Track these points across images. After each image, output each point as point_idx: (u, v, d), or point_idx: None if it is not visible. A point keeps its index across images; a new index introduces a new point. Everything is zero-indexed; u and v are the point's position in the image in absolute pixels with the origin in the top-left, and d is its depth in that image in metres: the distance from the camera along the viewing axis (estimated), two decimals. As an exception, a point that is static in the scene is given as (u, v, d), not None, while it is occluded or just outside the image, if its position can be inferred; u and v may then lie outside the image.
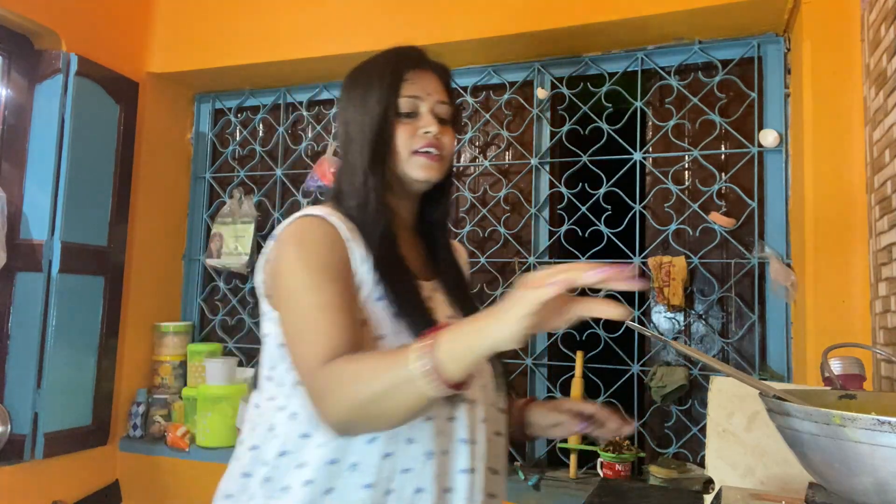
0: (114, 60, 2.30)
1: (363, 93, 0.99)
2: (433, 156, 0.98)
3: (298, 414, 0.90)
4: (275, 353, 0.95)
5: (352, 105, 1.01)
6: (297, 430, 0.90)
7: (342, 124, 1.03)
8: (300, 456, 0.89)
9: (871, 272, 1.49)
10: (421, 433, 0.88)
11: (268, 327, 0.96)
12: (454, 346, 0.71)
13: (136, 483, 2.32)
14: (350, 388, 0.77)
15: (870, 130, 1.51)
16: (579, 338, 2.06)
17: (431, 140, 0.98)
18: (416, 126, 0.98)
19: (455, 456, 0.92)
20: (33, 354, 2.03)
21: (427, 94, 0.99)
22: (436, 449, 0.89)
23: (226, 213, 2.50)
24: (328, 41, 2.20)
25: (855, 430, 0.56)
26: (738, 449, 1.27)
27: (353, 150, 0.99)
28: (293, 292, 0.88)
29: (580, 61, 2.13)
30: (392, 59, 1.01)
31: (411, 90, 0.98)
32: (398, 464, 0.88)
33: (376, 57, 1.03)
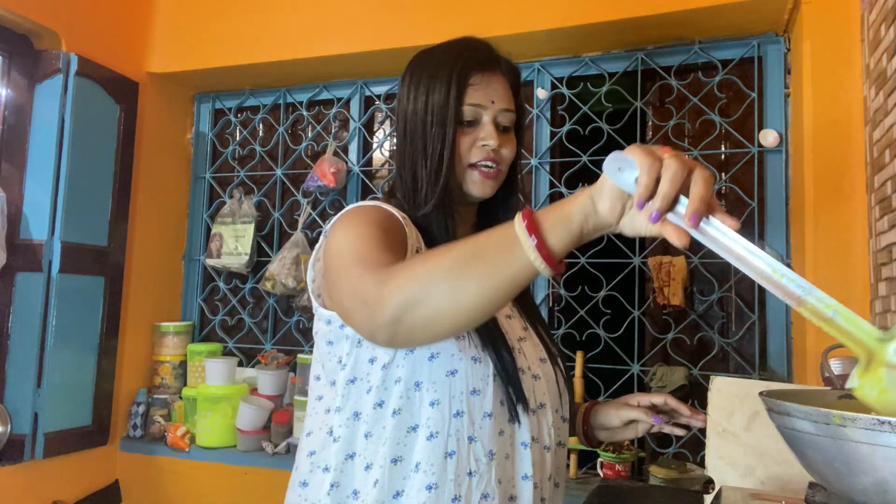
0: (114, 60, 2.30)
1: (426, 91, 0.94)
2: (489, 172, 0.94)
3: (360, 413, 0.87)
4: (323, 350, 0.92)
5: (412, 101, 0.95)
6: (361, 430, 0.86)
7: (400, 118, 0.98)
8: (366, 457, 0.86)
9: (871, 272, 1.49)
10: (482, 432, 0.85)
11: (317, 326, 0.93)
12: (549, 214, 0.65)
13: (136, 483, 2.32)
14: (424, 260, 0.69)
15: (870, 130, 1.51)
16: (579, 338, 2.06)
17: (489, 154, 0.94)
18: (475, 136, 0.94)
19: (517, 461, 0.88)
20: (33, 354, 2.03)
21: (491, 103, 0.94)
22: (497, 450, 0.86)
23: (226, 213, 2.50)
24: (328, 41, 2.20)
25: (855, 430, 0.56)
26: (738, 449, 1.27)
27: (410, 151, 0.95)
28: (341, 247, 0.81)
29: (580, 61, 2.13)
30: (460, 58, 0.94)
31: (475, 97, 0.93)
32: (461, 465, 0.84)
33: (443, 49, 0.97)
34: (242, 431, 2.15)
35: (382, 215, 0.87)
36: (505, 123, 0.96)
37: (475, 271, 0.65)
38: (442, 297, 0.66)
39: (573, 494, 1.78)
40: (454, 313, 0.66)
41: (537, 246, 0.64)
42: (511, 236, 0.65)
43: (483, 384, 0.86)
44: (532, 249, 0.64)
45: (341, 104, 2.45)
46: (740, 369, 1.92)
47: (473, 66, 0.94)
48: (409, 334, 0.68)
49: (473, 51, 0.96)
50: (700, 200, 0.60)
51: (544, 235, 0.64)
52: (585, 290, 2.07)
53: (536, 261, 0.64)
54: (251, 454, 2.14)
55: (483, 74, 0.94)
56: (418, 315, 0.66)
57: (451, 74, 0.93)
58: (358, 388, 0.88)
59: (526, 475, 0.88)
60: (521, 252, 0.64)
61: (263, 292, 2.42)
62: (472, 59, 0.95)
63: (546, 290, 2.13)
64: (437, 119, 0.92)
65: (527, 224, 0.65)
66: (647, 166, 0.61)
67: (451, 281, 0.66)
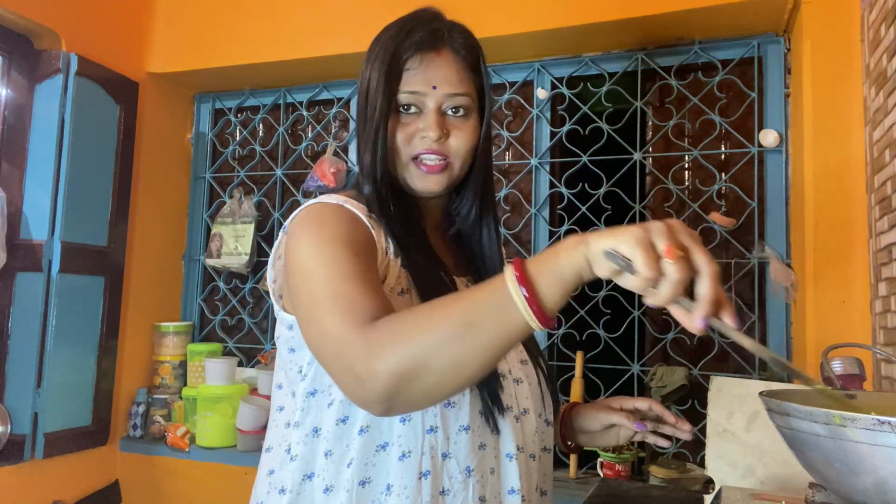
0: (114, 60, 2.30)
1: (367, 76, 0.85)
2: (433, 165, 0.85)
3: (320, 429, 0.79)
4: (285, 357, 0.84)
5: (361, 85, 0.87)
6: (321, 448, 0.79)
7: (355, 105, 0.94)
8: (326, 478, 0.78)
9: (871, 272, 1.49)
10: (457, 447, 0.78)
11: (279, 330, 0.86)
12: (542, 267, 0.61)
13: (136, 483, 2.32)
14: (417, 327, 0.63)
15: (870, 130, 1.51)
16: (579, 338, 2.06)
17: (431, 146, 0.84)
18: (416, 127, 0.85)
19: (503, 474, 0.82)
20: (33, 354, 2.03)
21: (432, 88, 0.84)
22: (475, 466, 0.79)
23: (226, 213, 2.50)
24: (328, 41, 2.20)
25: (855, 430, 0.56)
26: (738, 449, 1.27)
27: (359, 140, 0.88)
28: (309, 273, 0.73)
29: (580, 61, 2.13)
30: (396, 38, 0.85)
31: (412, 83, 0.84)
32: (436, 485, 0.77)
33: (389, 26, 0.88)
34: (242, 431, 2.15)
35: (348, 223, 0.78)
36: (454, 108, 0.85)
37: (476, 342, 0.61)
38: (442, 370, 0.62)
39: (573, 495, 1.78)
40: (455, 382, 0.63)
41: (528, 300, 0.60)
42: (504, 294, 0.61)
43: (458, 395, 0.79)
44: (525, 307, 0.60)
45: (341, 104, 2.45)
46: (740, 369, 1.92)
47: (409, 48, 0.84)
48: (407, 405, 0.65)
49: (417, 27, 0.86)
50: (707, 304, 0.57)
51: (537, 290, 0.60)
52: (585, 290, 2.07)
53: (531, 320, 0.60)
54: (251, 454, 2.13)
55: (422, 56, 0.84)
56: (418, 388, 0.62)
57: (385, 58, 0.84)
58: (318, 401, 0.80)
59: (513, 489, 0.82)
60: (515, 309, 0.60)
61: (263, 292, 2.42)
62: (409, 40, 0.84)
63: (546, 290, 2.13)
64: (370, 107, 0.84)
65: (518, 277, 0.60)
66: (646, 277, 0.56)
67: (450, 353, 0.61)
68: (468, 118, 0.87)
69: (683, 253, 0.57)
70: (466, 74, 0.88)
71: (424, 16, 0.89)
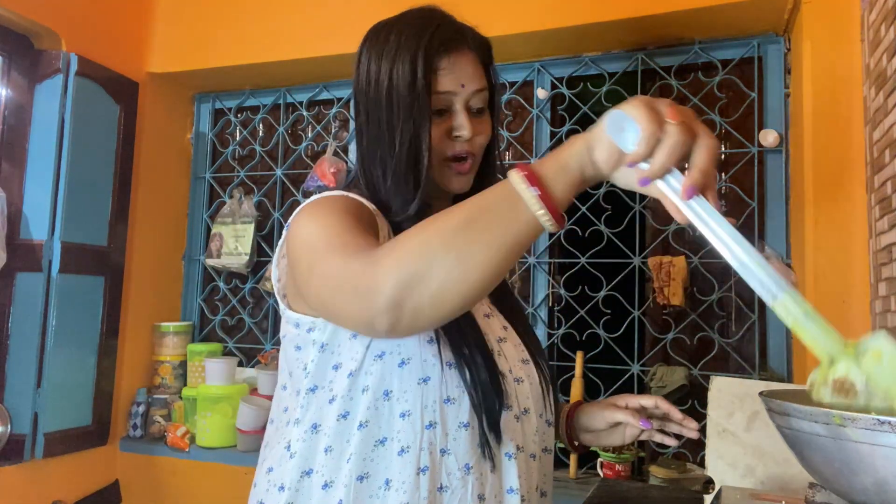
0: (114, 60, 2.30)
1: (389, 77, 0.82)
2: (464, 165, 0.86)
3: (320, 425, 0.80)
4: (291, 356, 0.84)
5: (373, 87, 0.84)
6: (321, 444, 0.79)
7: (360, 106, 0.86)
8: (325, 474, 0.78)
9: (871, 272, 1.49)
10: (456, 444, 0.78)
11: (284, 329, 0.85)
12: (546, 165, 0.61)
13: (136, 483, 2.32)
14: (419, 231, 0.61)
15: (870, 130, 1.51)
16: (579, 338, 2.06)
17: (464, 147, 0.85)
18: (447, 126, 0.84)
19: (503, 473, 0.82)
20: (33, 354, 2.03)
21: (461, 87, 0.84)
22: (474, 463, 0.79)
23: (226, 213, 2.50)
24: (328, 41, 2.20)
25: (855, 430, 0.56)
26: (738, 449, 1.27)
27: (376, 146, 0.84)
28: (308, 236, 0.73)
29: (580, 61, 2.13)
30: (422, 38, 0.83)
31: (444, 84, 0.83)
32: (434, 481, 0.77)
33: (403, 25, 0.85)
34: (242, 431, 2.15)
35: (350, 203, 0.78)
36: (478, 105, 0.86)
37: (480, 235, 0.60)
38: (448, 268, 0.59)
39: (573, 495, 1.78)
40: (463, 285, 0.60)
41: (541, 197, 0.59)
42: (511, 193, 0.60)
43: (458, 392, 0.79)
44: (536, 202, 0.59)
45: (341, 104, 2.44)
46: (740, 369, 1.92)
47: (439, 49, 0.83)
48: (415, 317, 0.61)
49: (439, 28, 0.84)
50: (699, 172, 0.58)
51: (547, 186, 0.60)
52: (585, 290, 2.07)
53: (542, 215, 0.60)
54: (251, 454, 2.13)
55: (451, 56, 0.84)
56: (423, 293, 0.59)
57: (415, 58, 0.81)
58: (319, 397, 0.80)
59: (511, 488, 0.82)
60: (525, 207, 0.60)
61: (263, 292, 2.42)
62: (436, 39, 0.83)
63: (546, 290, 2.13)
64: (404, 111, 0.81)
65: (526, 176, 0.60)
66: (648, 134, 0.57)
67: (454, 250, 0.59)
68: (485, 114, 0.89)
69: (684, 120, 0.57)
70: (483, 71, 0.88)
71: (440, 14, 0.89)
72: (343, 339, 0.80)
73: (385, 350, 0.79)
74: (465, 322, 0.81)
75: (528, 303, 2.13)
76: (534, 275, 2.15)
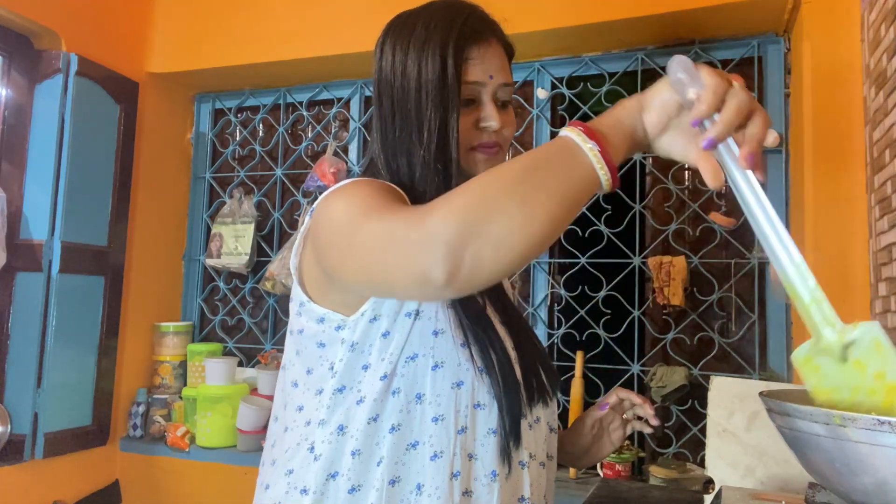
0: (114, 60, 2.30)
1: (417, 65, 0.81)
2: (492, 151, 0.85)
3: (347, 427, 0.78)
4: (313, 353, 0.81)
5: (399, 76, 0.83)
6: (348, 447, 0.77)
7: (385, 95, 0.85)
8: (352, 478, 0.77)
9: (871, 272, 1.49)
10: (484, 450, 0.78)
11: (300, 322, 0.82)
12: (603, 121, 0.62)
13: (136, 483, 2.32)
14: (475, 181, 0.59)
15: (870, 130, 1.51)
16: (579, 338, 2.06)
17: (492, 137, 0.85)
18: (476, 117, 0.84)
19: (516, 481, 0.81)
20: (33, 354, 2.03)
21: (489, 78, 0.83)
22: (500, 470, 0.78)
23: (226, 213, 2.50)
24: (328, 41, 2.20)
25: (855, 430, 0.56)
26: (738, 449, 1.27)
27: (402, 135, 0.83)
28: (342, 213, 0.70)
29: (580, 61, 2.13)
30: (453, 27, 0.82)
31: (474, 74, 0.82)
32: (463, 485, 0.77)
33: (430, 14, 0.84)
34: (242, 431, 2.15)
35: (378, 183, 0.77)
36: (504, 98, 0.86)
37: (542, 183, 0.57)
38: (511, 213, 0.56)
39: (573, 495, 1.78)
40: (526, 233, 0.57)
41: (601, 152, 0.59)
42: (570, 146, 0.60)
43: (489, 398, 0.79)
44: (595, 155, 0.59)
45: (341, 104, 2.45)
46: (740, 369, 1.92)
47: (469, 38, 0.82)
48: (474, 266, 0.56)
49: (468, 18, 0.84)
50: (756, 141, 0.58)
51: (605, 141, 0.60)
52: (585, 290, 2.07)
53: (600, 169, 0.59)
54: (251, 454, 2.13)
55: (479, 47, 0.83)
56: (486, 238, 0.55)
57: (445, 47, 0.80)
58: (346, 398, 0.78)
59: (523, 497, 0.82)
60: (584, 160, 0.59)
61: (263, 292, 2.42)
62: (467, 29, 0.83)
63: (546, 290, 2.13)
64: (434, 100, 0.80)
65: (584, 131, 0.60)
66: (716, 86, 0.59)
67: (518, 195, 0.57)
68: (509, 108, 0.89)
69: None
70: (509, 66, 0.89)
71: (468, 5, 0.87)
72: (374, 338, 0.78)
73: (418, 352, 0.78)
74: (489, 327, 0.81)
75: (528, 303, 2.13)
76: (534, 275, 2.15)
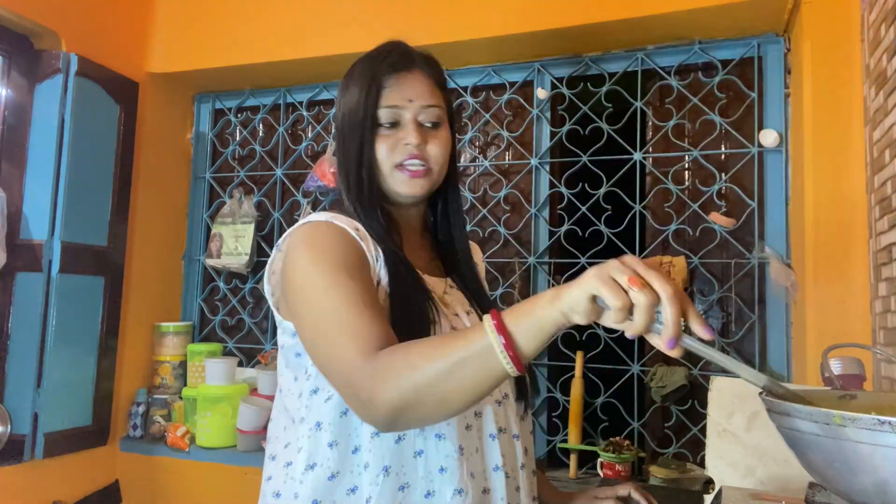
0: (114, 60, 2.30)
1: (347, 100, 0.96)
2: (416, 170, 0.94)
3: (322, 423, 0.87)
4: (293, 362, 0.93)
5: (339, 109, 0.98)
6: (324, 440, 0.86)
7: (335, 128, 1.01)
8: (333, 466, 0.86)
9: (871, 272, 1.49)
10: (450, 428, 0.86)
11: (282, 339, 0.94)
12: (520, 320, 0.67)
13: (136, 483, 2.32)
14: (410, 368, 0.71)
15: (870, 130, 1.51)
16: (579, 338, 2.06)
17: (413, 152, 0.93)
18: (397, 138, 0.94)
19: (487, 453, 0.90)
20: (33, 354, 2.03)
21: (408, 101, 0.94)
22: (466, 445, 0.87)
23: (226, 213, 2.50)
24: (328, 41, 2.20)
25: (855, 430, 0.56)
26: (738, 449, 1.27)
27: (341, 158, 0.97)
28: (311, 297, 0.82)
29: (580, 61, 2.13)
30: (372, 63, 0.96)
31: (391, 99, 0.93)
32: (431, 462, 0.85)
33: (363, 57, 0.99)
34: (242, 431, 2.15)
35: (341, 241, 0.87)
36: (431, 120, 0.95)
37: (459, 381, 0.69)
38: (432, 405, 0.71)
39: (573, 494, 1.78)
40: (443, 414, 0.74)
41: (505, 346, 0.67)
42: (486, 343, 0.68)
43: None
44: (504, 355, 0.67)
45: (341, 104, 2.44)
46: (740, 369, 1.92)
47: (386, 70, 0.94)
48: (405, 426, 0.77)
49: (387, 54, 0.96)
50: (672, 324, 0.62)
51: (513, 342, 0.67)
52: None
53: (507, 364, 0.67)
54: (251, 454, 2.13)
55: (398, 75, 0.94)
56: (412, 417, 0.73)
57: (364, 79, 0.94)
58: (319, 398, 0.88)
59: (497, 466, 0.89)
60: (496, 360, 0.67)
61: (263, 292, 2.42)
62: (385, 63, 0.95)
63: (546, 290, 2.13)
64: (353, 124, 0.94)
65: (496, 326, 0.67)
66: (617, 308, 0.62)
67: (439, 391, 0.70)
68: (441, 128, 0.97)
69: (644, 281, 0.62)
70: (436, 90, 0.97)
71: (394, 44, 0.99)
72: None
73: None
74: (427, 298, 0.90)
75: (528, 303, 2.13)
76: (534, 275, 2.15)
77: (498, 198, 2.23)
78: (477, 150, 2.32)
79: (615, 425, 2.02)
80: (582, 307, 0.64)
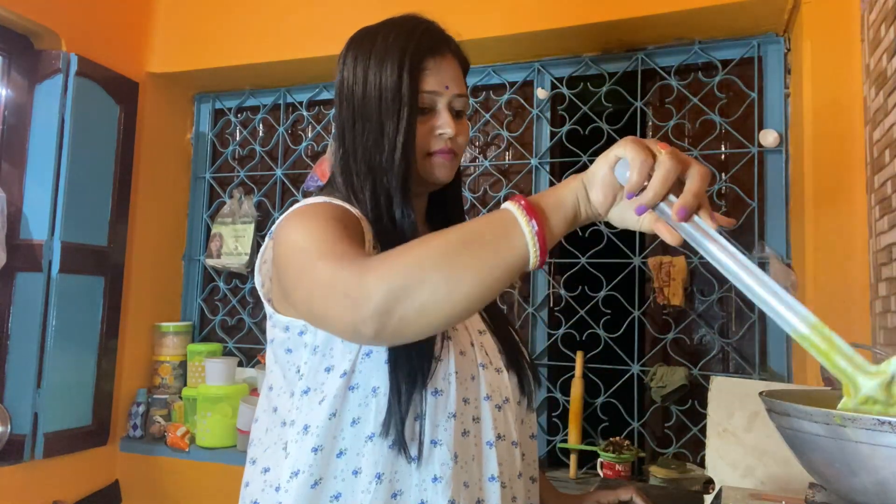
0: (114, 60, 2.30)
1: (378, 75, 0.87)
2: (448, 156, 0.91)
3: (309, 426, 0.81)
4: (283, 359, 0.86)
5: (361, 85, 0.89)
6: (309, 444, 0.80)
7: (346, 103, 0.90)
8: (316, 473, 0.80)
9: (871, 272, 1.49)
10: (446, 434, 0.81)
11: (272, 333, 0.88)
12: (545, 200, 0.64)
13: (136, 483, 2.32)
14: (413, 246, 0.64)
15: (870, 130, 1.51)
16: (579, 338, 2.06)
17: (447, 144, 0.90)
18: (431, 125, 0.89)
19: (484, 462, 0.84)
20: (33, 354, 2.03)
21: (445, 88, 0.89)
22: (461, 452, 0.81)
23: (226, 213, 2.50)
24: (328, 41, 2.19)
25: (855, 430, 0.56)
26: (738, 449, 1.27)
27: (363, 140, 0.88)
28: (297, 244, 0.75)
29: (580, 61, 2.13)
30: (411, 40, 0.88)
31: (430, 84, 0.88)
32: (426, 471, 0.79)
33: (389, 29, 0.91)
34: (242, 431, 2.15)
35: (337, 210, 0.81)
36: (458, 108, 0.92)
37: (470, 260, 0.62)
38: (436, 285, 0.61)
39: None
40: (449, 303, 0.62)
41: (537, 233, 0.62)
42: (509, 222, 0.63)
43: (445, 384, 0.81)
44: (534, 237, 0.62)
45: (341, 104, 2.44)
46: (740, 369, 1.92)
47: (426, 51, 0.89)
48: (400, 326, 0.63)
49: (425, 32, 0.91)
50: (691, 194, 0.61)
51: (545, 221, 0.63)
52: (585, 290, 2.07)
53: (534, 249, 0.62)
54: (251, 454, 2.13)
55: (435, 59, 0.89)
56: (410, 305, 0.61)
57: (403, 58, 0.87)
58: (311, 399, 0.82)
59: (493, 476, 0.84)
60: (520, 240, 0.62)
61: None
62: (424, 42, 0.89)
63: (546, 290, 2.13)
64: (392, 106, 0.86)
65: (525, 208, 0.63)
66: (639, 163, 0.61)
67: (445, 268, 0.62)
68: (464, 118, 0.95)
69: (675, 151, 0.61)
70: (463, 78, 0.95)
71: (426, 21, 0.94)
72: (336, 340, 0.81)
73: (373, 349, 0.81)
74: None
75: (528, 303, 2.13)
76: (534, 275, 2.15)
77: (498, 198, 2.23)
78: (477, 150, 2.32)
79: (615, 425, 2.02)
80: (600, 175, 0.62)
